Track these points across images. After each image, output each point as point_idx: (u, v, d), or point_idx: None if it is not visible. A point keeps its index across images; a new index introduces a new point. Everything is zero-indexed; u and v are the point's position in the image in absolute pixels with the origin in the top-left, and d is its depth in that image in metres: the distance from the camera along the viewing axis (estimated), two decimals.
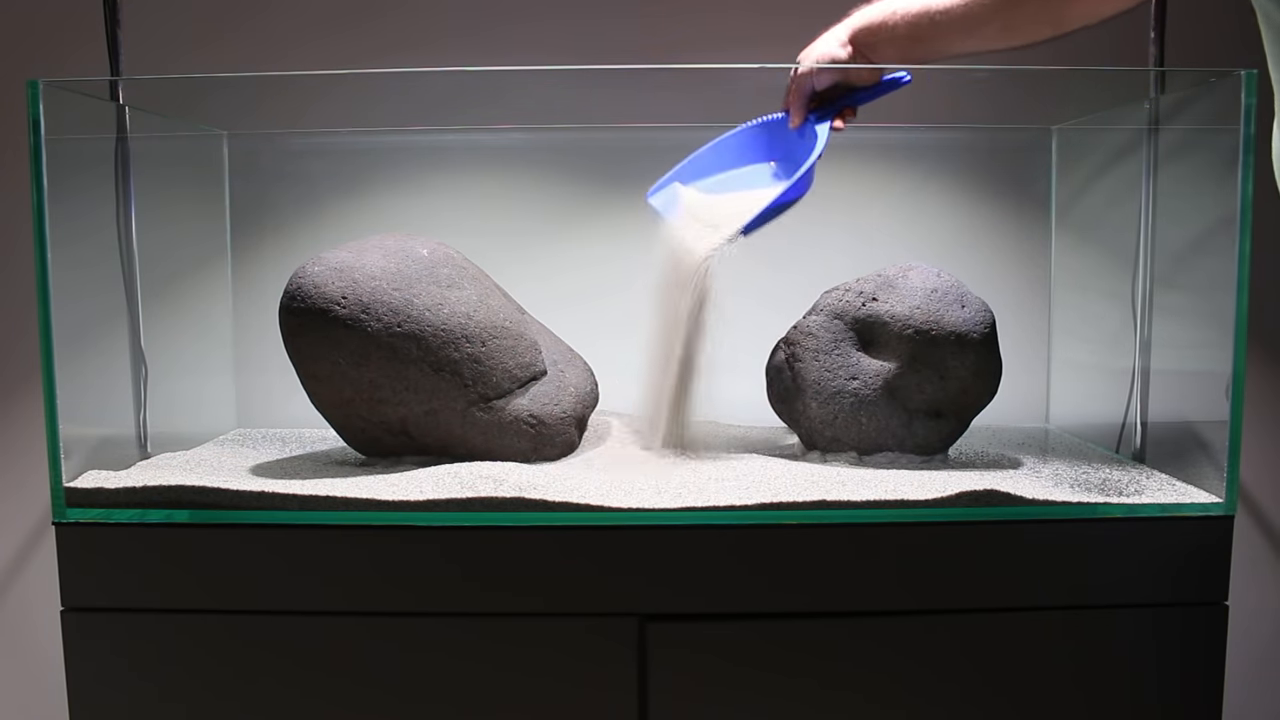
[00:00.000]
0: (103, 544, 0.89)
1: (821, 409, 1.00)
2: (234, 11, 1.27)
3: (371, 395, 0.96)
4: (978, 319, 0.99)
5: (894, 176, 1.28)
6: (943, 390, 0.98)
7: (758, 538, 0.88)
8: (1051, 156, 1.28)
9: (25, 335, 1.32)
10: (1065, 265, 1.27)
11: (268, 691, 0.90)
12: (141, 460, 1.08)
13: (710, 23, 1.28)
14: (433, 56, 1.27)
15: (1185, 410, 1.06)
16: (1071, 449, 1.11)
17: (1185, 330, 1.08)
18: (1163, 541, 0.88)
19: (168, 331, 1.19)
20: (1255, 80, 0.87)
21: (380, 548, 0.88)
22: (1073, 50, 1.26)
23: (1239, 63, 0.89)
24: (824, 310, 1.04)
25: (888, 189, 1.28)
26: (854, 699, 0.89)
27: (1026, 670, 0.89)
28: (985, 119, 1.27)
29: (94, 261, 1.10)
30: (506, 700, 0.89)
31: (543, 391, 1.02)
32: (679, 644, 0.89)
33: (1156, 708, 0.90)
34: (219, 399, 1.28)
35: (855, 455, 1.00)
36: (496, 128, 1.27)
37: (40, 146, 0.89)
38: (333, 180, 1.28)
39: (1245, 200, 0.87)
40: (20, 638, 1.37)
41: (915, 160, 1.28)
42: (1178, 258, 1.09)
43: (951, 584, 0.88)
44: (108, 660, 0.90)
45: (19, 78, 0.93)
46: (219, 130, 1.26)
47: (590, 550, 0.88)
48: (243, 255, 1.28)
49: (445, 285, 1.00)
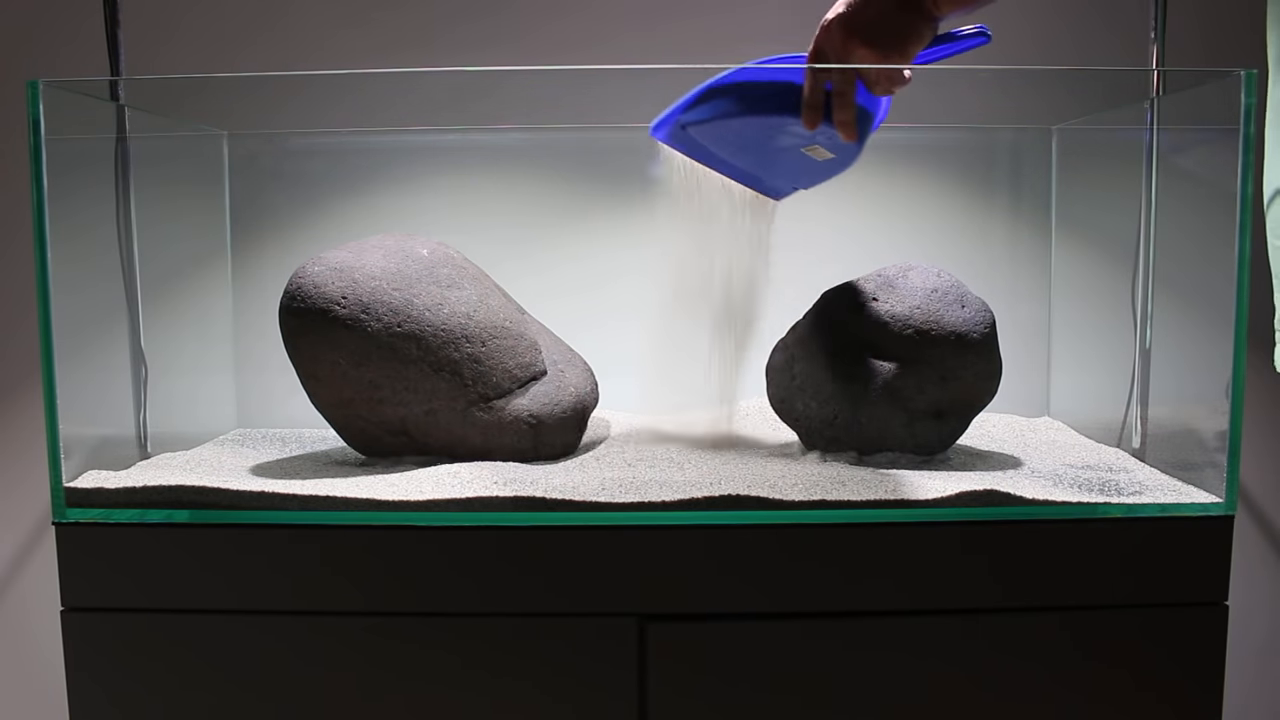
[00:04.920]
0: (103, 544, 0.89)
1: (821, 409, 1.00)
2: (234, 11, 1.27)
3: (371, 395, 0.96)
4: (978, 319, 0.99)
5: (894, 176, 1.28)
6: (943, 390, 0.98)
7: (758, 538, 0.88)
8: (1051, 156, 1.28)
9: (25, 335, 1.32)
10: (1065, 265, 1.27)
11: (268, 692, 0.89)
12: (141, 460, 1.08)
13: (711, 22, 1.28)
14: (433, 56, 1.27)
15: (1185, 410, 1.06)
16: (1071, 449, 1.11)
17: (1185, 330, 1.08)
18: (1163, 541, 0.88)
19: (167, 331, 1.19)
20: (1255, 80, 0.87)
21: (380, 548, 0.88)
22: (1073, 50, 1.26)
23: (1239, 63, 0.89)
24: (824, 310, 1.04)
25: (888, 189, 1.28)
26: (854, 699, 0.89)
27: (1026, 670, 0.89)
28: (985, 119, 1.27)
29: (94, 261, 1.10)
30: (506, 700, 0.89)
31: (543, 391, 1.02)
32: (679, 644, 0.89)
33: (1156, 708, 0.90)
34: (219, 399, 1.28)
35: (855, 455, 1.00)
36: (496, 128, 1.27)
37: (40, 146, 0.89)
38: (333, 180, 1.28)
39: (1245, 200, 0.87)
40: (20, 638, 1.37)
41: (915, 160, 1.28)
42: (1178, 258, 1.09)
43: (951, 584, 0.88)
44: (108, 660, 0.90)
45: (19, 78, 0.93)
46: (219, 130, 1.26)
47: (590, 550, 0.88)
48: (243, 255, 1.28)
49: (445, 285, 1.00)
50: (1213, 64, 1.24)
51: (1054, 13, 1.26)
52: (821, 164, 0.98)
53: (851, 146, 0.93)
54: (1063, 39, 1.07)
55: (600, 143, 1.27)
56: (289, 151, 1.28)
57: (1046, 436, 1.17)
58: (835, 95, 0.88)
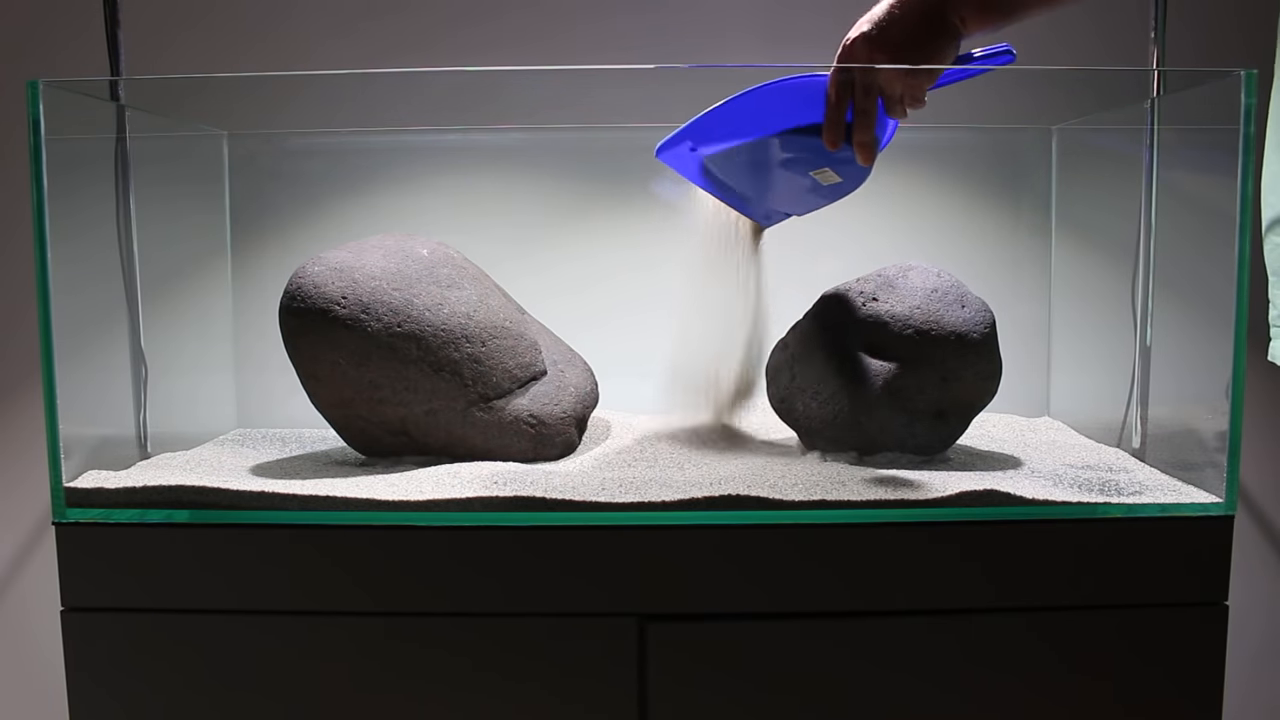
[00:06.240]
0: (103, 544, 0.89)
1: (821, 409, 1.00)
2: (234, 11, 1.27)
3: (371, 395, 0.96)
4: (978, 319, 0.99)
5: (894, 176, 1.28)
6: (943, 390, 0.98)
7: (758, 538, 0.88)
8: (1051, 156, 1.27)
9: (25, 335, 1.32)
10: (1065, 265, 1.27)
11: (268, 692, 0.89)
12: (141, 460, 1.08)
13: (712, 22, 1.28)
14: (433, 56, 1.27)
15: (1185, 410, 1.06)
16: (1071, 449, 1.11)
17: (1185, 330, 1.08)
18: (1162, 541, 0.88)
19: (167, 331, 1.19)
20: (1255, 80, 0.87)
21: (380, 548, 0.88)
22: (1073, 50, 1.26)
23: (1239, 63, 0.89)
24: (824, 310, 1.04)
25: (888, 189, 1.28)
26: (854, 699, 0.89)
27: (1026, 670, 0.89)
28: (985, 119, 1.27)
29: (94, 261, 1.10)
30: (506, 700, 0.89)
31: (543, 391, 1.02)
32: (679, 644, 0.89)
33: (1156, 708, 0.90)
34: (219, 399, 1.28)
35: (855, 455, 1.00)
36: (496, 128, 1.27)
37: (40, 146, 0.89)
38: (333, 180, 1.28)
39: (1245, 200, 0.87)
40: (20, 638, 1.37)
41: (915, 160, 1.28)
42: (1178, 258, 1.09)
43: (951, 584, 0.88)
44: (108, 660, 0.90)
45: (19, 78, 0.93)
46: (219, 130, 1.26)
47: (590, 550, 0.88)
48: (243, 255, 1.28)
49: (445, 285, 1.00)
50: (1213, 64, 1.24)
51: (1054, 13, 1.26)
52: (824, 189, 0.97)
53: (860, 171, 0.92)
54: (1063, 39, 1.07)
55: (600, 143, 1.27)
56: (289, 151, 1.28)
57: (1046, 436, 1.17)
58: (857, 115, 0.87)
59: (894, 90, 0.87)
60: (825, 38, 0.91)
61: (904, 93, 0.87)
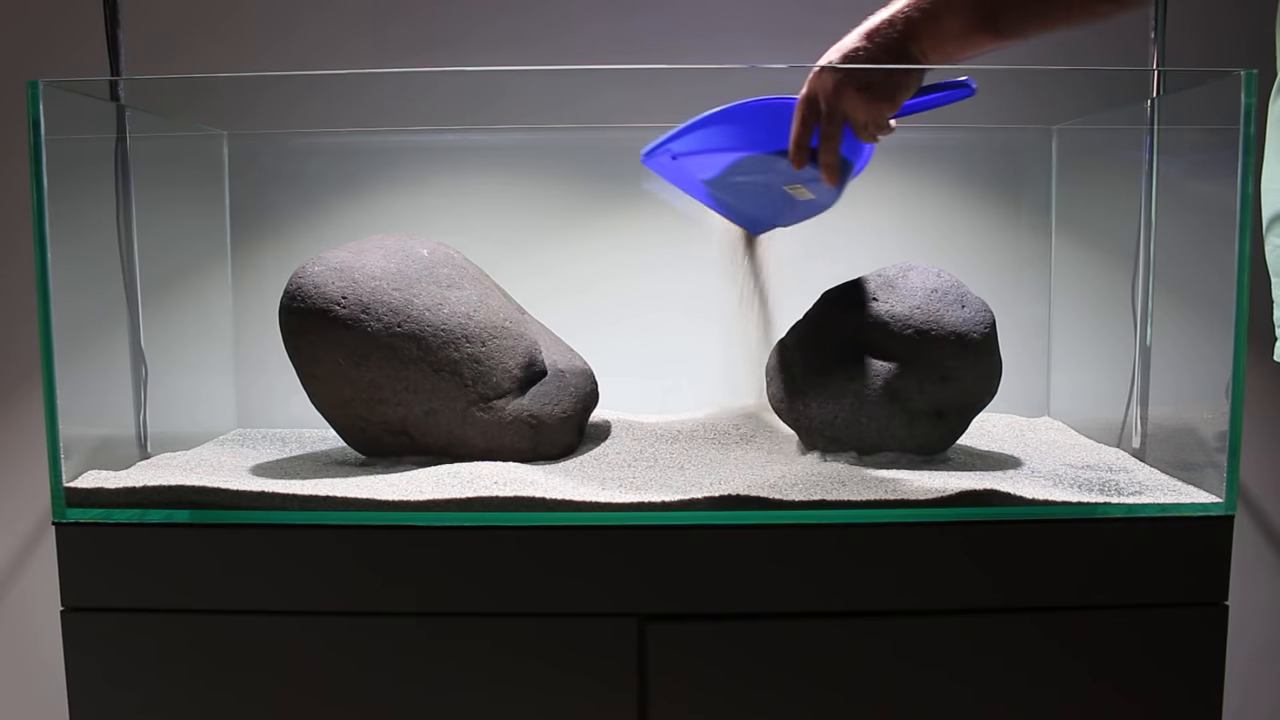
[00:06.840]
0: (103, 544, 0.89)
1: (821, 409, 1.00)
2: (234, 12, 1.27)
3: (371, 395, 0.96)
4: (978, 319, 0.99)
5: (895, 176, 1.28)
6: (943, 390, 0.98)
7: (758, 538, 0.88)
8: (1051, 156, 1.27)
9: (25, 335, 1.32)
10: (1065, 265, 1.27)
11: (268, 692, 0.89)
12: (141, 460, 1.08)
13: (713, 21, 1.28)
14: (433, 57, 1.27)
15: (1185, 410, 1.06)
16: (1071, 449, 1.11)
17: (1185, 330, 1.08)
18: (1162, 541, 0.88)
19: (168, 331, 1.19)
20: (1255, 80, 0.87)
21: (380, 548, 0.88)
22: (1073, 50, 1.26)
23: (1239, 63, 0.89)
24: (824, 310, 1.04)
25: (888, 189, 1.28)
26: (854, 699, 0.89)
27: (1026, 670, 0.89)
28: (985, 119, 1.27)
29: (94, 261, 1.10)
30: (506, 700, 0.89)
31: (543, 391, 1.02)
32: (679, 644, 0.89)
33: (1156, 708, 0.90)
34: (219, 399, 1.28)
35: (855, 455, 1.00)
36: (496, 128, 1.27)
37: (40, 146, 0.89)
38: (333, 180, 1.28)
39: (1245, 200, 0.87)
40: (20, 638, 1.37)
41: (916, 160, 1.28)
42: (1178, 257, 1.09)
43: (951, 584, 0.88)
44: (108, 660, 0.90)
45: (19, 78, 0.93)
46: (219, 130, 1.26)
47: (590, 550, 0.88)
48: (243, 255, 1.28)
49: (445, 285, 1.00)
50: (1213, 64, 1.24)
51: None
52: (801, 204, 1.00)
53: (831, 190, 0.95)
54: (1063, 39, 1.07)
55: (600, 143, 1.27)
56: (289, 151, 1.28)
57: (1046, 436, 1.17)
58: (821, 139, 0.92)
59: (857, 118, 0.91)
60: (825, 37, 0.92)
61: (867, 120, 0.91)
